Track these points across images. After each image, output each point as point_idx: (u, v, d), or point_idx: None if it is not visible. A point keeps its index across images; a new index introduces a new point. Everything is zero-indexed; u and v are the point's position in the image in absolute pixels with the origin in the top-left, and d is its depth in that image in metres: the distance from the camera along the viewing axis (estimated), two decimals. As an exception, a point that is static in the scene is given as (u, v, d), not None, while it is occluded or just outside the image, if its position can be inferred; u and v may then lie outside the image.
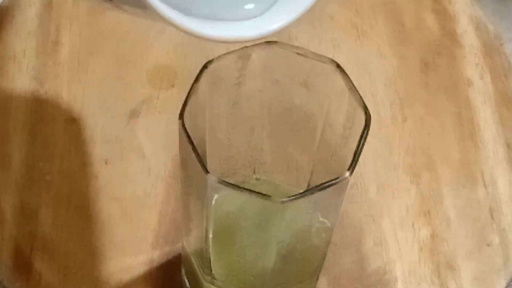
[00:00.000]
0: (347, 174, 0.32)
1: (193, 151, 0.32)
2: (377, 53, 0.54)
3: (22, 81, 0.50)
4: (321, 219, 0.35)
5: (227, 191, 0.32)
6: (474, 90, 0.53)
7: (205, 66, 0.34)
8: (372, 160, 0.49)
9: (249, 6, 0.33)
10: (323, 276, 0.44)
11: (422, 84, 0.53)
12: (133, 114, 0.50)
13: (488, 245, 0.47)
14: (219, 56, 0.35)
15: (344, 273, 0.45)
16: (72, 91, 0.50)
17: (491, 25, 0.56)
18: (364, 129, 0.33)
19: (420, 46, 0.54)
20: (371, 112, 0.33)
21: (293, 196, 0.31)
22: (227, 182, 0.31)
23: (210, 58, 0.35)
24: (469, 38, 0.55)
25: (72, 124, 0.49)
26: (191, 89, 0.34)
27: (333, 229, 0.37)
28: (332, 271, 0.45)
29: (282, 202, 0.31)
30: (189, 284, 0.43)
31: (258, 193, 0.31)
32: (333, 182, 0.32)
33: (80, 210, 0.46)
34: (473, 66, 0.54)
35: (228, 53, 0.35)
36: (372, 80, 0.53)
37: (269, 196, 0.31)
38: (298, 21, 0.54)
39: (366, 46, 0.54)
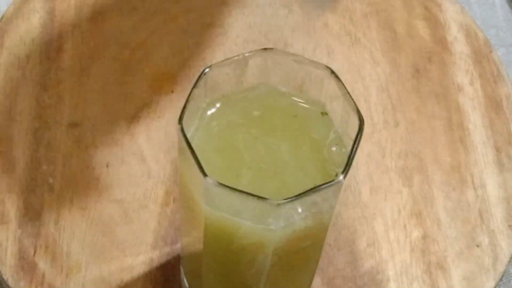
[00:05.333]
0: (341, 177, 0.33)
1: (191, 154, 0.32)
2: (370, 59, 0.54)
3: (26, 87, 0.51)
4: (315, 220, 0.35)
5: (225, 193, 0.32)
6: (464, 95, 0.53)
7: (203, 72, 0.35)
8: (365, 163, 0.50)
9: None
10: (318, 276, 0.45)
11: (414, 89, 0.53)
12: (134, 118, 0.50)
13: (478, 246, 0.47)
14: (217, 63, 0.36)
15: (338, 273, 0.45)
16: (74, 96, 0.51)
17: (481, 32, 0.56)
18: (358, 133, 0.34)
19: (412, 53, 0.55)
20: (364, 117, 0.34)
21: (288, 198, 0.32)
22: (225, 185, 0.32)
23: (209, 65, 0.36)
24: (459, 45, 0.55)
25: (75, 128, 0.49)
26: (189, 94, 0.34)
27: (327, 230, 0.37)
28: (326, 271, 0.45)
29: (278, 204, 0.32)
30: (189, 284, 0.43)
31: (255, 195, 0.32)
32: (328, 184, 0.32)
33: (82, 212, 0.46)
34: (463, 72, 0.54)
35: (226, 60, 0.36)
36: (365, 86, 0.53)
37: (266, 198, 0.32)
38: (293, 29, 0.55)
39: (360, 53, 0.54)
